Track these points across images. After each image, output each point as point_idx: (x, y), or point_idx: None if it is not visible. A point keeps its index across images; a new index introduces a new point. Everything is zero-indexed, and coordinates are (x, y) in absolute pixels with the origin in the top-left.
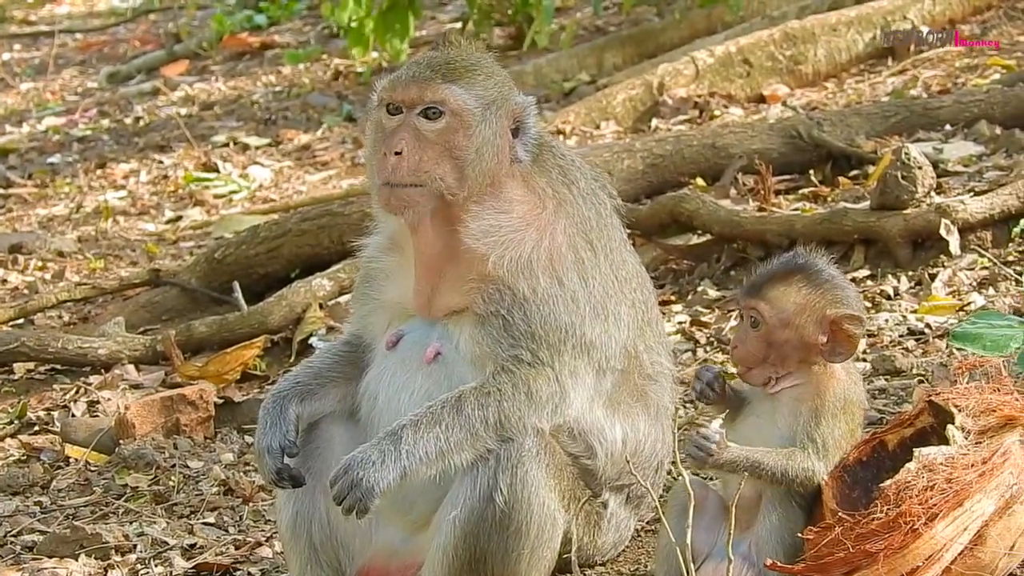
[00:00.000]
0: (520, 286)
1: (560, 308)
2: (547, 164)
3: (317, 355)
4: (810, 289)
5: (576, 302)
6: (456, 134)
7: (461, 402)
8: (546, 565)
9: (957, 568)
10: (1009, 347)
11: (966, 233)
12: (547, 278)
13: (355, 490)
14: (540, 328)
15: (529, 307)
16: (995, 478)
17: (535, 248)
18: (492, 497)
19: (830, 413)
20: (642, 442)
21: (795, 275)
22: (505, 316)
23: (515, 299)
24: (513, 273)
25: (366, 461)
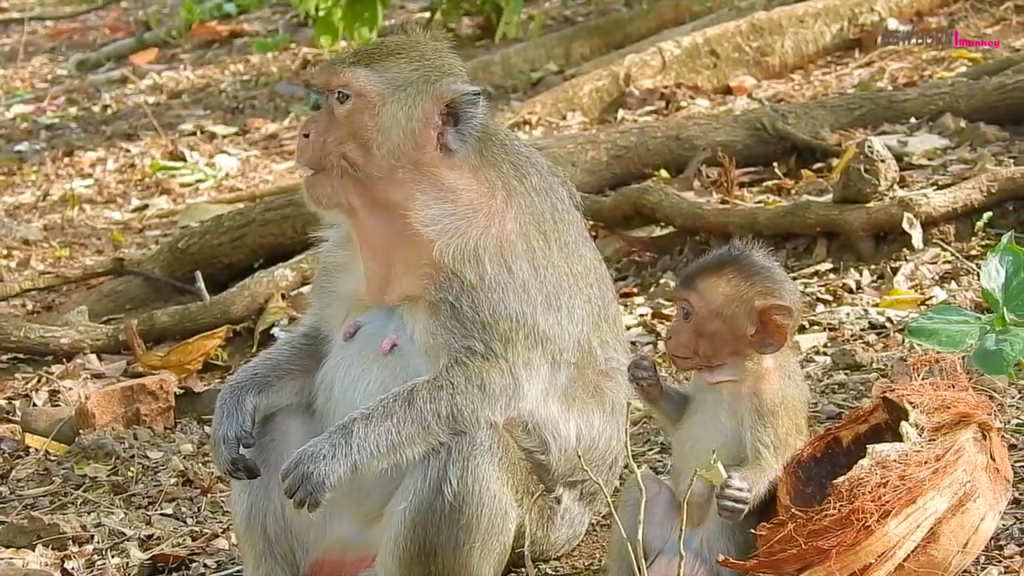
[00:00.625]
0: (467, 274)
1: (510, 297)
2: (498, 158)
3: (275, 347)
4: (740, 280)
5: (527, 291)
6: (362, 115)
7: (413, 395)
8: (497, 558)
9: (910, 565)
10: (965, 343)
11: (929, 227)
12: (495, 266)
13: (306, 484)
14: (490, 317)
15: (477, 295)
16: (948, 475)
17: (483, 235)
18: (442, 489)
19: (770, 412)
20: (596, 438)
21: (727, 266)
22: (454, 304)
23: (463, 287)
24: (460, 260)
25: (317, 455)
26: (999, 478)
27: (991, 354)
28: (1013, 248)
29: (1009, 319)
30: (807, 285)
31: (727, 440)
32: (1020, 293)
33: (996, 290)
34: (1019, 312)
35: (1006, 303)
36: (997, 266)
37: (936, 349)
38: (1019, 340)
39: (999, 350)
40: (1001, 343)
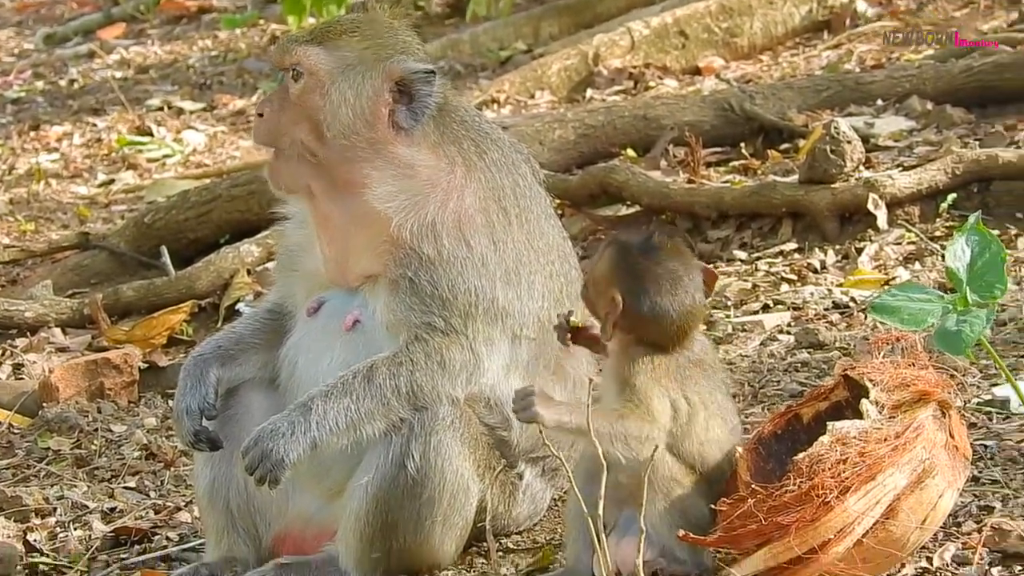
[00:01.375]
0: (425, 249)
1: (468, 271)
2: (458, 134)
3: (240, 321)
4: (611, 267)
5: (485, 266)
6: (313, 94)
7: (373, 372)
8: (459, 533)
9: (869, 541)
10: (926, 321)
11: (894, 208)
12: (453, 241)
13: (265, 461)
14: (448, 292)
15: (435, 270)
16: (908, 452)
17: (440, 210)
18: (404, 464)
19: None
20: None
21: (616, 249)
22: (413, 280)
23: (421, 262)
24: (417, 235)
25: (276, 432)
26: (958, 456)
27: (951, 334)
28: (980, 228)
29: (971, 299)
30: (772, 265)
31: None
32: (984, 274)
33: (960, 270)
34: (982, 293)
35: (970, 283)
36: (963, 246)
37: (898, 327)
38: (979, 321)
39: (959, 331)
40: (961, 323)
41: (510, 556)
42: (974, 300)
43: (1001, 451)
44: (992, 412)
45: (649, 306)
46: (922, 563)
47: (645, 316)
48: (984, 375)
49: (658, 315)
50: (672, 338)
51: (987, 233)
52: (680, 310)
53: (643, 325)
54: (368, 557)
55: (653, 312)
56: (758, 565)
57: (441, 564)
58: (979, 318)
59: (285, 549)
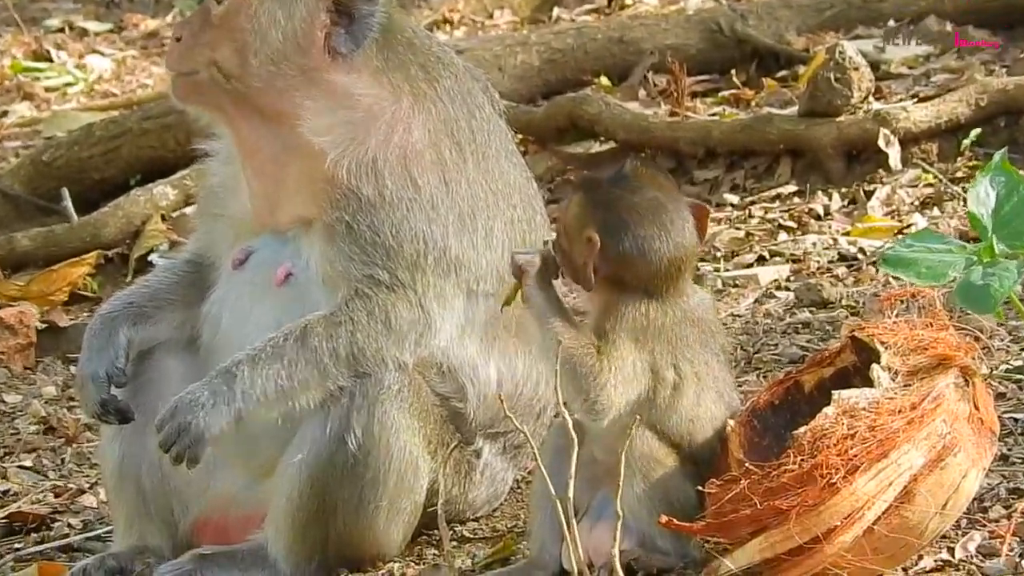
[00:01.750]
0: (365, 189)
1: (416, 215)
2: (404, 59)
3: (154, 274)
4: (592, 204)
5: (435, 209)
6: (237, 15)
7: (307, 333)
8: (406, 519)
9: (880, 529)
10: (946, 275)
11: (908, 145)
12: (397, 179)
13: (183, 436)
14: (392, 239)
15: (377, 214)
16: (925, 426)
17: (383, 145)
18: (344, 439)
19: (619, 327)
20: (520, 383)
21: (596, 184)
22: (351, 225)
23: (360, 205)
24: (356, 174)
25: (195, 403)
26: (983, 430)
27: (976, 289)
28: (1006, 167)
29: (998, 249)
30: (768, 210)
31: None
32: (1012, 220)
33: (985, 215)
34: (1010, 242)
35: (996, 231)
36: (987, 188)
37: (914, 282)
38: (1008, 274)
39: (986, 285)
40: (988, 277)
41: (466, 546)
42: (1001, 250)
43: None
44: (1023, 380)
45: (631, 240)
46: (942, 554)
47: (627, 254)
48: (1013, 337)
49: (643, 250)
50: (662, 278)
51: (1015, 173)
52: (667, 242)
53: (626, 266)
54: (301, 546)
55: (636, 247)
56: (752, 556)
57: (386, 555)
58: (1008, 271)
59: (206, 537)
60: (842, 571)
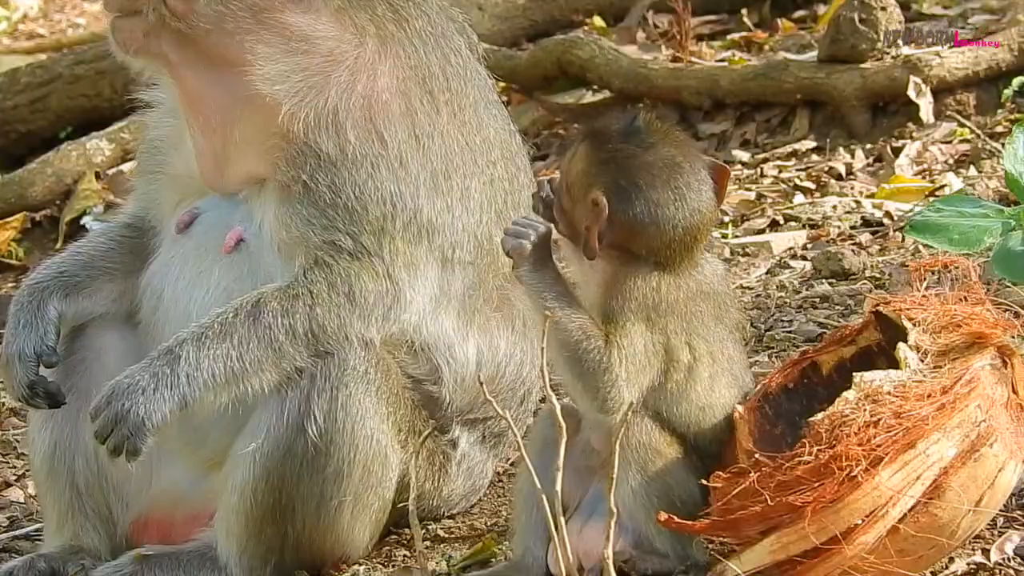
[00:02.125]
0: (324, 145)
1: (382, 173)
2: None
3: (88, 240)
4: (600, 161)
5: (404, 167)
6: None
7: (260, 308)
8: (373, 517)
9: (907, 528)
10: (982, 242)
11: (942, 95)
12: (361, 133)
13: (121, 425)
14: (355, 200)
15: (338, 172)
16: (957, 413)
17: (345, 93)
18: (303, 426)
19: (638, 309)
20: (502, 364)
21: (605, 138)
22: (309, 184)
23: (320, 162)
24: (314, 127)
25: (134, 388)
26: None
27: (1015, 257)
28: None
29: None
30: (783, 169)
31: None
32: None
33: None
34: None
35: None
36: None
37: (945, 250)
38: None
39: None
40: None
41: (440, 546)
42: None
43: None
44: None
45: (643, 205)
46: (976, 556)
47: (638, 220)
48: None
49: (655, 217)
50: (676, 249)
51: None
52: (683, 207)
53: (636, 234)
54: (256, 547)
55: (649, 213)
56: (763, 558)
57: (351, 556)
58: None
59: (147, 536)
60: (863, 575)
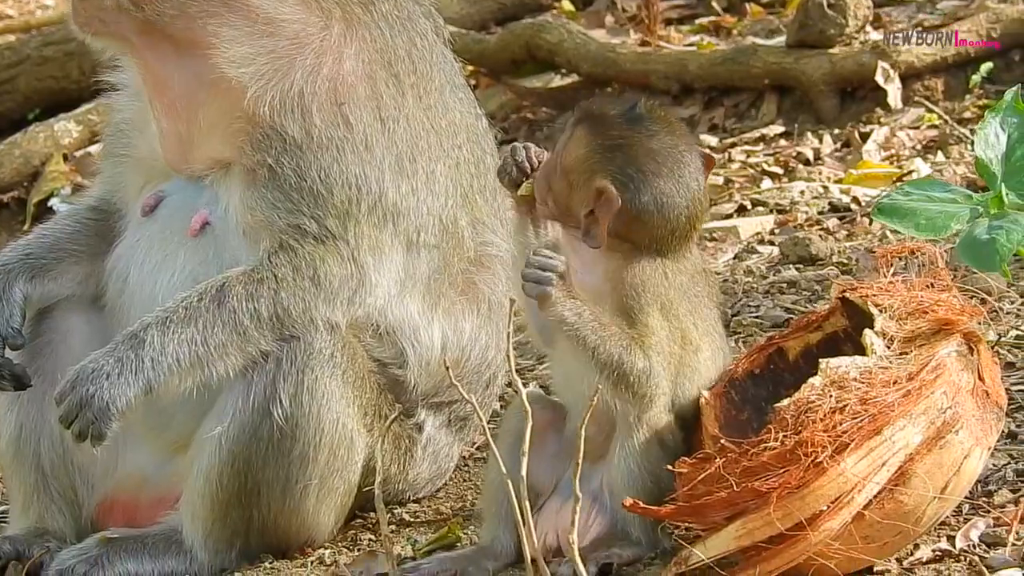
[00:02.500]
0: (290, 128)
1: (348, 156)
2: None
3: (54, 222)
4: (602, 147)
5: (370, 150)
6: None
7: (224, 292)
8: (339, 501)
9: (872, 514)
10: (948, 228)
11: (910, 81)
12: (327, 116)
13: (86, 410)
14: (321, 184)
15: (303, 155)
16: (923, 400)
17: (310, 77)
18: (269, 410)
19: (656, 304)
20: (467, 347)
21: (606, 124)
22: (273, 168)
23: (285, 145)
24: (280, 111)
25: (99, 373)
26: (989, 404)
27: (981, 244)
28: (1019, 107)
29: (1008, 200)
30: (751, 154)
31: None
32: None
33: (994, 161)
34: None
35: (1006, 179)
36: (997, 130)
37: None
38: (1018, 227)
39: (992, 239)
40: (995, 230)
41: (406, 530)
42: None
43: None
44: None
45: (651, 195)
46: (941, 543)
47: (645, 208)
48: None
49: (662, 206)
50: (678, 237)
51: None
52: (686, 195)
53: (642, 223)
54: (221, 530)
55: (656, 202)
56: (727, 544)
57: (316, 540)
58: (1017, 224)
59: (113, 519)
60: (828, 561)
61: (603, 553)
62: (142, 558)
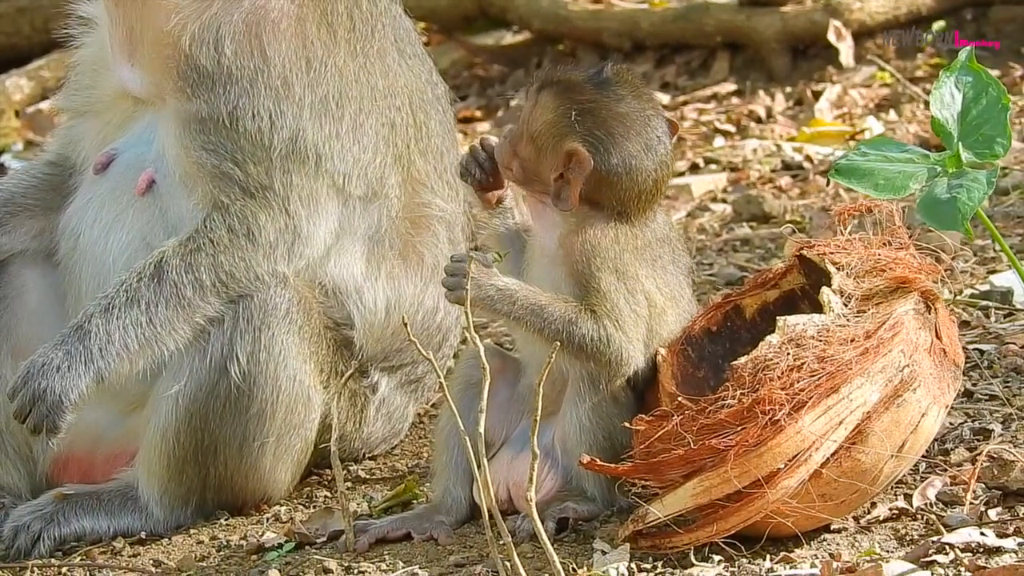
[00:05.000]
0: (203, 59)
1: (259, 90)
2: None
3: (8, 177)
4: (569, 110)
5: (288, 86)
6: None
7: (162, 268)
8: (296, 458)
9: (829, 472)
10: (907, 187)
11: (863, 39)
12: (241, 47)
13: (39, 405)
14: (226, 116)
15: (214, 87)
16: (881, 358)
17: (230, 7)
18: (226, 367)
19: (608, 268)
20: (410, 312)
21: (573, 88)
22: (192, 101)
23: (200, 77)
24: (196, 42)
25: (49, 367)
26: (947, 362)
27: (941, 203)
28: (973, 66)
29: (965, 158)
30: (703, 111)
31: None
32: (981, 125)
33: (950, 121)
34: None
35: (962, 138)
36: (952, 90)
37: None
38: (978, 186)
39: (952, 198)
40: (955, 189)
41: (362, 487)
42: (968, 159)
43: (1002, 357)
44: (990, 307)
45: (620, 157)
46: (899, 502)
47: (614, 171)
48: (980, 259)
49: (631, 168)
50: (644, 199)
51: (984, 73)
52: (654, 158)
53: (610, 185)
54: (177, 488)
55: (625, 164)
56: (684, 502)
57: (272, 497)
58: (977, 182)
59: (68, 475)
60: (785, 519)
61: (558, 507)
62: (98, 515)
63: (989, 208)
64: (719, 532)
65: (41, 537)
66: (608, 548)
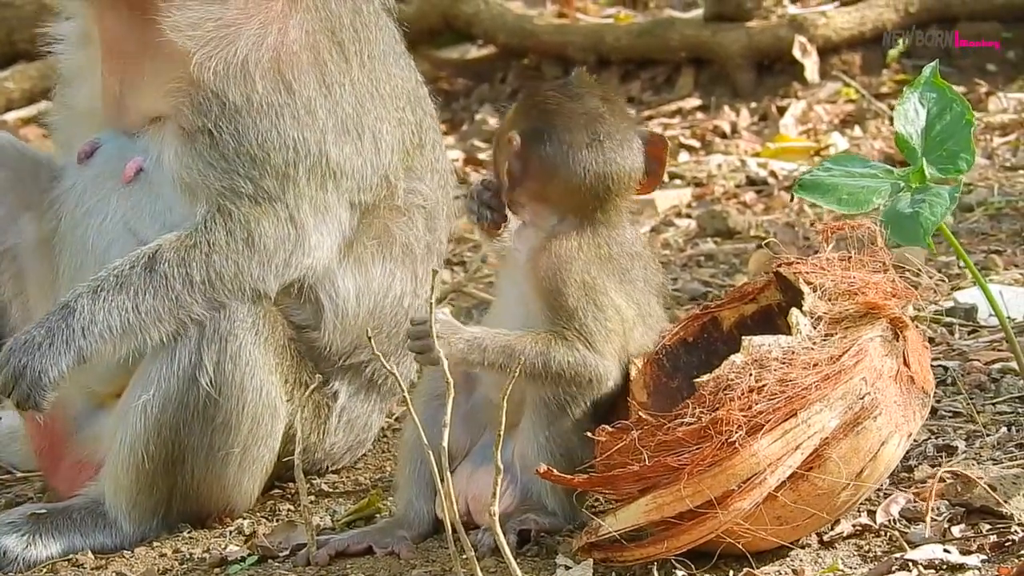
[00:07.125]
0: (232, 94)
1: (286, 121)
2: None
3: None
4: (526, 108)
5: (312, 114)
6: None
7: (156, 259)
8: (262, 468)
9: (784, 497)
10: (871, 202)
11: (828, 55)
12: (268, 83)
13: (21, 382)
14: (257, 148)
15: (242, 120)
16: (842, 384)
17: (255, 46)
18: (196, 377)
19: (574, 281)
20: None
21: (537, 95)
22: (212, 132)
23: (224, 110)
24: (223, 77)
25: (31, 344)
26: (914, 389)
27: (904, 218)
28: (937, 83)
29: (929, 174)
30: (668, 126)
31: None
32: (944, 141)
33: (914, 136)
34: (942, 166)
35: (926, 154)
36: (916, 106)
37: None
38: (940, 201)
39: (915, 213)
40: (918, 204)
41: (325, 501)
42: (932, 175)
43: (965, 374)
44: (954, 324)
45: (555, 144)
46: (862, 518)
47: (549, 158)
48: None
49: (566, 157)
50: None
51: (948, 89)
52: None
53: (549, 175)
54: (147, 501)
55: (560, 152)
56: (637, 517)
57: (237, 508)
58: (940, 197)
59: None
60: (738, 540)
61: (518, 520)
62: (72, 535)
63: (954, 224)
64: (670, 549)
65: (16, 560)
66: (571, 563)
